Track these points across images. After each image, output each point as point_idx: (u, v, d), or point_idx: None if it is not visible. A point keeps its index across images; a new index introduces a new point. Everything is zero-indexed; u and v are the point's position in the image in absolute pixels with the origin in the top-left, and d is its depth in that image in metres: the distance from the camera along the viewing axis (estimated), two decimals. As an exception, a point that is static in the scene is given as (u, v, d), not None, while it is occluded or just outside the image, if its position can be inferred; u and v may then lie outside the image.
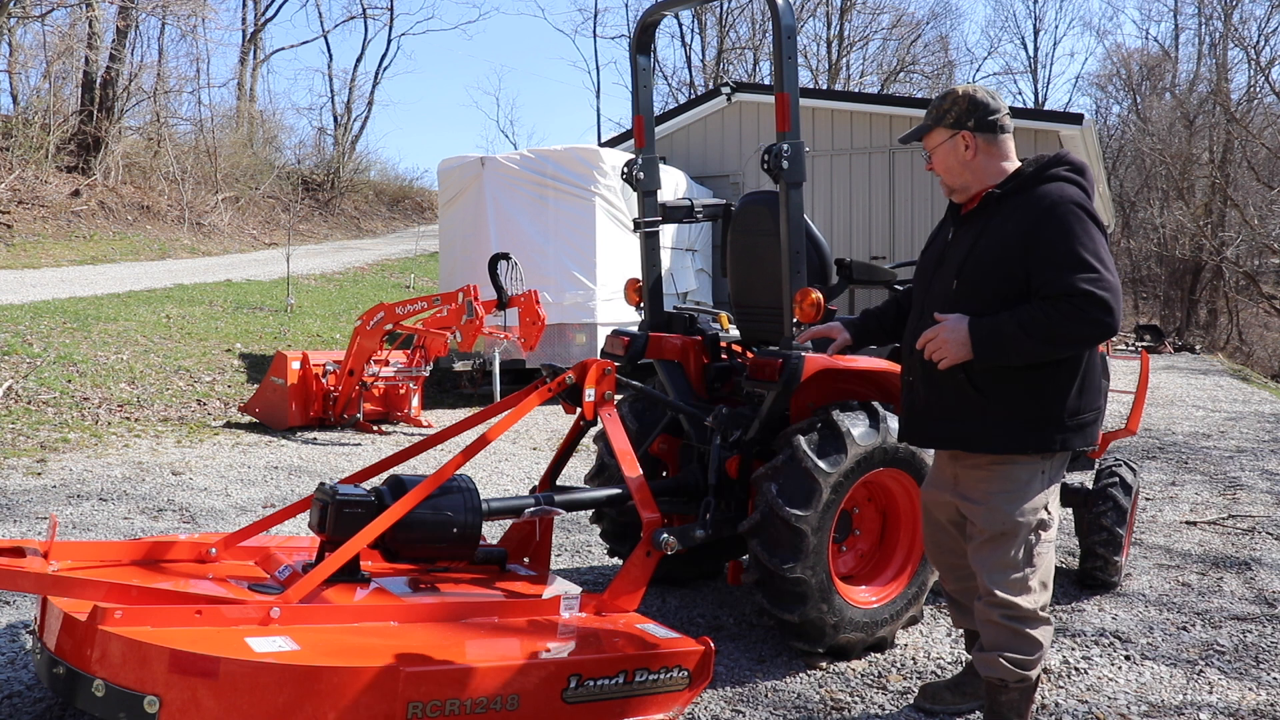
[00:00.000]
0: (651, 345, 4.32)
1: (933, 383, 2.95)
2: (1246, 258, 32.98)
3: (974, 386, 2.86)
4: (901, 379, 3.21)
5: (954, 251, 2.99)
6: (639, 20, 4.44)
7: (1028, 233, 2.79)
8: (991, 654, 2.94)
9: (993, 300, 2.82)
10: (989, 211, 2.93)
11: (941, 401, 2.94)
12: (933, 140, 3.01)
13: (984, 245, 2.88)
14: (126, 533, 5.42)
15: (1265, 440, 9.33)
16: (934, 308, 2.95)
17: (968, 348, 2.78)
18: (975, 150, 2.96)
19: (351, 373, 8.87)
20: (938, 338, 2.82)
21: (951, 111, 2.97)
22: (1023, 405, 2.85)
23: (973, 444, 2.91)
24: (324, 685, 2.60)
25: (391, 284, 20.83)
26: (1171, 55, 43.05)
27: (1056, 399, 2.85)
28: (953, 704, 3.34)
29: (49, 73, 23.96)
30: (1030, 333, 2.72)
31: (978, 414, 2.88)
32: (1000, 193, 2.92)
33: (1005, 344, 2.75)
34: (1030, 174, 2.90)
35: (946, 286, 2.95)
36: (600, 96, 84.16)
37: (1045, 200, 2.82)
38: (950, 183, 3.04)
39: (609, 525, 4.48)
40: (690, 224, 5.79)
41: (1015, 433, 2.85)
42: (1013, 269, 2.81)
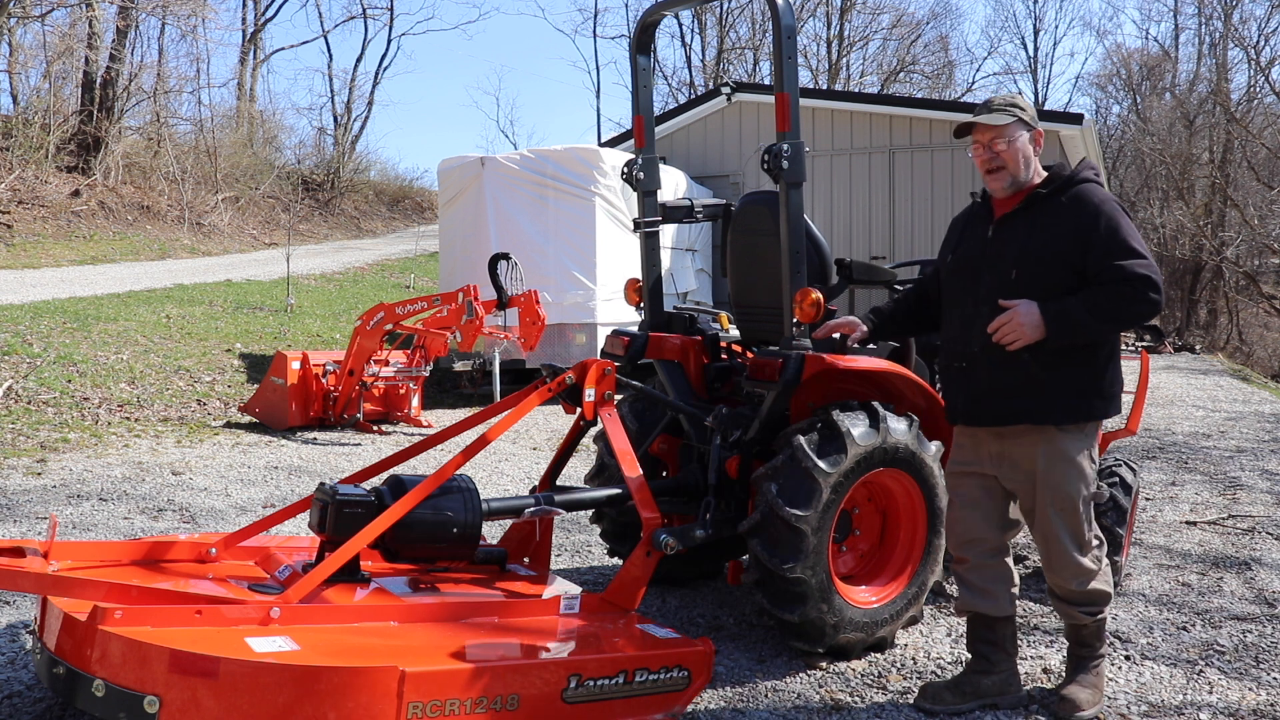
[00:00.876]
0: (651, 345, 4.32)
1: (997, 364, 3.22)
2: (1246, 258, 32.98)
3: (1039, 365, 3.16)
4: (946, 366, 3.45)
5: (1002, 247, 3.26)
6: (639, 20, 4.44)
7: (1081, 229, 3.13)
8: (1070, 607, 3.35)
9: (1051, 289, 3.13)
10: (1034, 210, 3.24)
11: (1007, 381, 3.22)
12: (1011, 131, 3.25)
13: (1039, 241, 3.19)
14: (126, 533, 5.42)
15: (1265, 440, 9.33)
16: (990, 299, 3.21)
17: (1041, 329, 3.09)
18: (1037, 150, 3.30)
19: (351, 373, 8.86)
20: (1012, 321, 3.10)
21: (1026, 111, 3.27)
22: (1075, 379, 3.20)
23: (1036, 417, 3.21)
24: (324, 685, 2.60)
25: (391, 284, 20.83)
26: (1171, 55, 43.06)
27: (1099, 372, 3.23)
28: (953, 704, 3.35)
29: (49, 73, 23.97)
30: (1096, 314, 3.08)
31: (1040, 390, 3.19)
32: (1045, 193, 3.23)
33: (1075, 325, 3.09)
34: (1067, 177, 3.24)
35: (1002, 278, 3.22)
36: (600, 96, 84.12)
37: (1090, 201, 3.17)
38: (1016, 173, 3.27)
39: (609, 525, 4.48)
40: (690, 224, 5.79)
41: (1070, 404, 3.20)
42: (1070, 261, 3.14)
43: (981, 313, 3.23)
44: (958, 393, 3.39)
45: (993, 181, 3.30)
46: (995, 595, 3.41)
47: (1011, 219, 3.28)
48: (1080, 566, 3.28)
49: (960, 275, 3.38)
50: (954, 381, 3.41)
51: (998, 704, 3.39)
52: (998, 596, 3.41)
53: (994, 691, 3.39)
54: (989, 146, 3.26)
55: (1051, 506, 3.24)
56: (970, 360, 3.30)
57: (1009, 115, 3.24)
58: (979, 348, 3.25)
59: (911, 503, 3.93)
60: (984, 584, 3.41)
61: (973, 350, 3.28)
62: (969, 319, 3.30)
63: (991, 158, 3.26)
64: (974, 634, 3.47)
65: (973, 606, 3.43)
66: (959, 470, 3.46)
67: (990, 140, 3.25)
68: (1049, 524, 3.26)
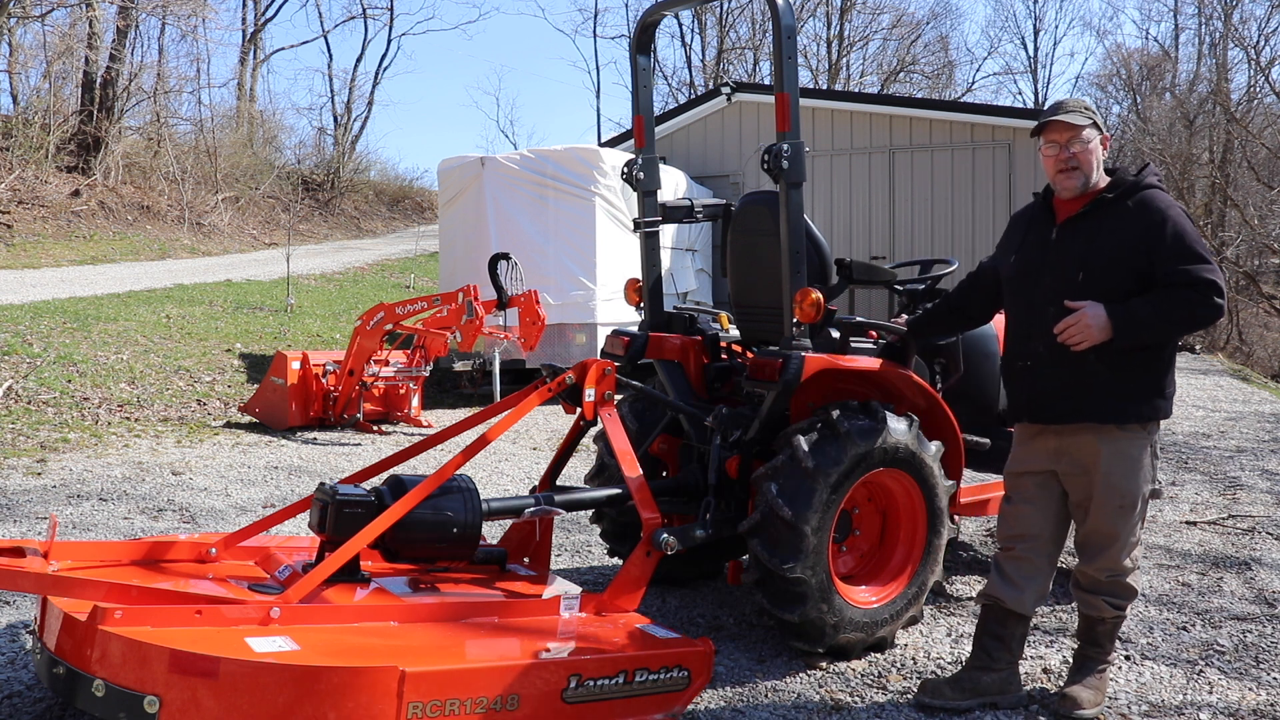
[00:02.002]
0: (651, 345, 4.32)
1: (1062, 364, 3.25)
2: (1246, 258, 32.96)
3: (1105, 365, 3.21)
4: (1010, 366, 3.49)
5: (1067, 249, 3.30)
6: (639, 20, 4.44)
7: (1148, 234, 3.19)
8: (1095, 597, 3.40)
9: (1115, 292, 3.18)
10: (1099, 214, 3.28)
11: (1071, 380, 3.27)
12: (1088, 135, 3.28)
13: (1105, 244, 3.24)
14: (126, 533, 5.42)
15: (1265, 440, 9.32)
16: (1054, 300, 3.25)
17: (1108, 330, 3.12)
18: (1105, 153, 3.35)
19: (351, 373, 8.86)
20: (1080, 323, 3.13)
21: (1096, 116, 3.31)
22: (1138, 380, 3.25)
23: (1099, 416, 3.26)
24: (324, 685, 2.60)
25: (391, 284, 20.83)
26: (1171, 55, 43.05)
27: (1160, 373, 3.29)
28: (952, 699, 3.35)
29: (49, 73, 23.96)
30: (1164, 316, 3.14)
31: (1104, 390, 3.24)
32: (1111, 197, 3.28)
33: (1143, 326, 3.14)
34: (1131, 182, 3.28)
35: (1067, 281, 3.26)
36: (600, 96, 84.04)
37: (1157, 206, 3.23)
38: (1090, 174, 3.31)
39: (609, 525, 4.48)
40: (690, 224, 5.79)
41: (1132, 404, 3.26)
42: (1136, 265, 3.19)
43: (1047, 313, 3.27)
44: (1021, 391, 3.44)
45: (1065, 180, 3.32)
46: (1023, 590, 3.40)
47: (1076, 222, 3.32)
48: (1119, 563, 3.34)
49: (1023, 277, 3.42)
50: (1017, 380, 3.45)
51: (997, 703, 3.39)
52: (1025, 592, 3.41)
53: (994, 690, 3.39)
54: (1066, 146, 3.29)
55: (1112, 503, 3.28)
56: (1035, 359, 3.35)
57: (1085, 117, 3.27)
58: (1044, 347, 3.29)
59: (911, 503, 3.93)
60: (1018, 576, 3.41)
61: (1037, 350, 3.33)
62: (1033, 319, 3.35)
63: (1068, 158, 3.29)
64: (985, 625, 3.46)
65: (997, 594, 3.42)
66: (1018, 470, 3.49)
67: (1067, 140, 3.28)
68: (1107, 520, 3.30)
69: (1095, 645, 3.44)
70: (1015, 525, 3.47)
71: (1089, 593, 3.41)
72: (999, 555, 3.51)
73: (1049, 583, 3.48)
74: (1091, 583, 3.39)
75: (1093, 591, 3.40)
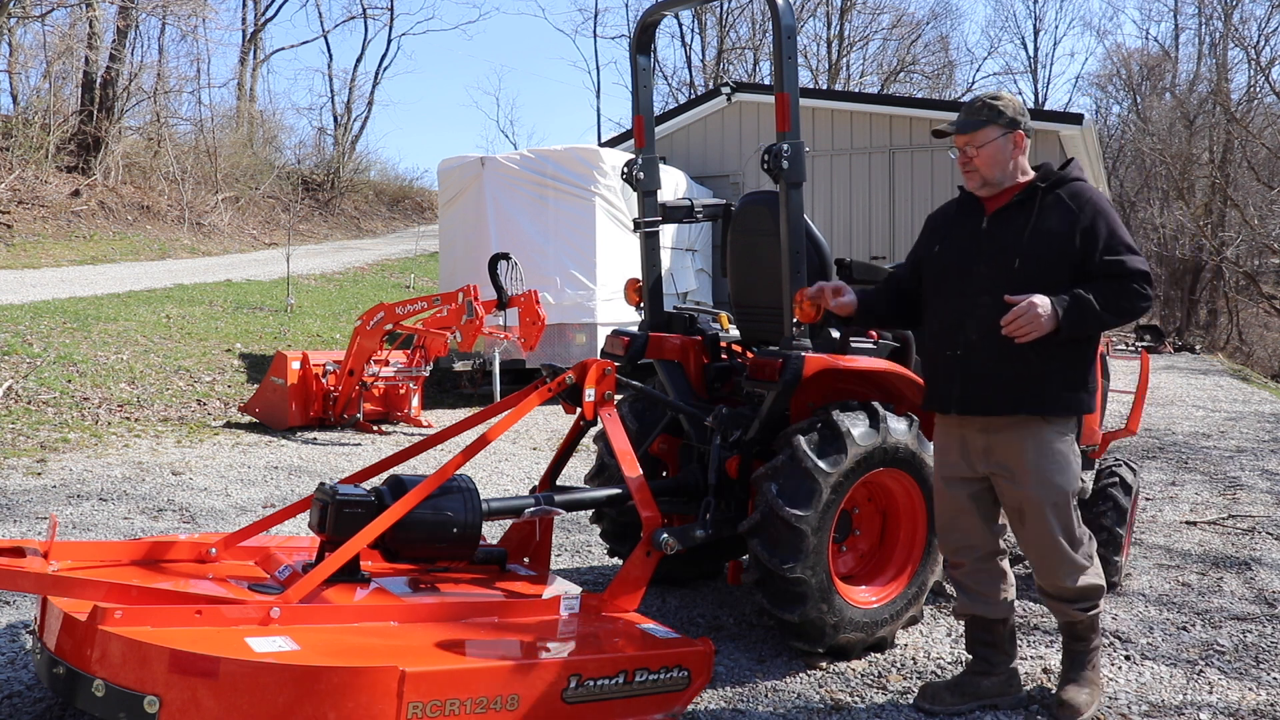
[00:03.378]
0: (651, 345, 4.32)
1: (996, 354, 3.20)
2: (1246, 258, 32.96)
3: (1039, 357, 3.17)
4: (937, 355, 3.39)
5: (998, 238, 3.25)
6: (639, 20, 4.44)
7: (1085, 224, 3.17)
8: (1062, 604, 3.34)
9: (1053, 280, 3.15)
10: (1033, 203, 3.24)
11: (1006, 371, 3.22)
12: (986, 136, 3.25)
13: (1042, 233, 3.20)
14: (126, 533, 5.42)
15: (1265, 440, 9.32)
16: (989, 289, 3.21)
17: (1054, 321, 3.08)
18: (1020, 150, 3.28)
19: (351, 373, 8.86)
20: (1029, 314, 3.06)
21: (1006, 112, 3.25)
22: (1067, 372, 3.23)
23: (1031, 407, 3.22)
24: (324, 685, 2.60)
25: (391, 284, 20.83)
26: (1171, 55, 43.05)
27: (1087, 366, 3.27)
28: (952, 704, 3.35)
29: (49, 73, 23.96)
30: (1108, 307, 3.11)
31: (1038, 381, 3.21)
32: (1044, 186, 3.25)
33: (1088, 318, 3.10)
34: (1059, 174, 3.27)
35: (1002, 269, 3.21)
36: (600, 96, 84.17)
37: (1091, 198, 3.21)
38: (989, 177, 3.28)
39: (609, 525, 4.48)
40: (690, 224, 5.79)
41: (1063, 396, 3.23)
42: (1070, 255, 3.17)
43: (981, 302, 3.22)
44: (949, 381, 3.33)
45: (968, 180, 3.34)
46: (992, 598, 3.41)
47: (1009, 211, 3.27)
48: (1074, 562, 3.27)
49: (953, 267, 3.34)
50: (944, 370, 3.36)
51: (997, 704, 3.39)
52: (994, 599, 3.41)
53: (994, 692, 3.39)
54: (963, 149, 3.30)
55: (1045, 501, 3.22)
56: (966, 348, 3.27)
57: (980, 119, 3.24)
58: (977, 336, 3.23)
59: (911, 503, 3.93)
60: (980, 588, 3.41)
61: (970, 339, 3.26)
62: (965, 308, 3.27)
63: (965, 161, 3.30)
64: (973, 636, 3.48)
65: (970, 610, 3.44)
66: (948, 477, 3.42)
67: (964, 143, 3.29)
68: (1042, 520, 3.23)
69: (1079, 640, 3.40)
70: (957, 538, 3.43)
71: (1056, 600, 3.36)
72: (953, 572, 3.48)
73: (1010, 576, 3.46)
74: (1058, 590, 3.33)
75: (1059, 599, 3.34)
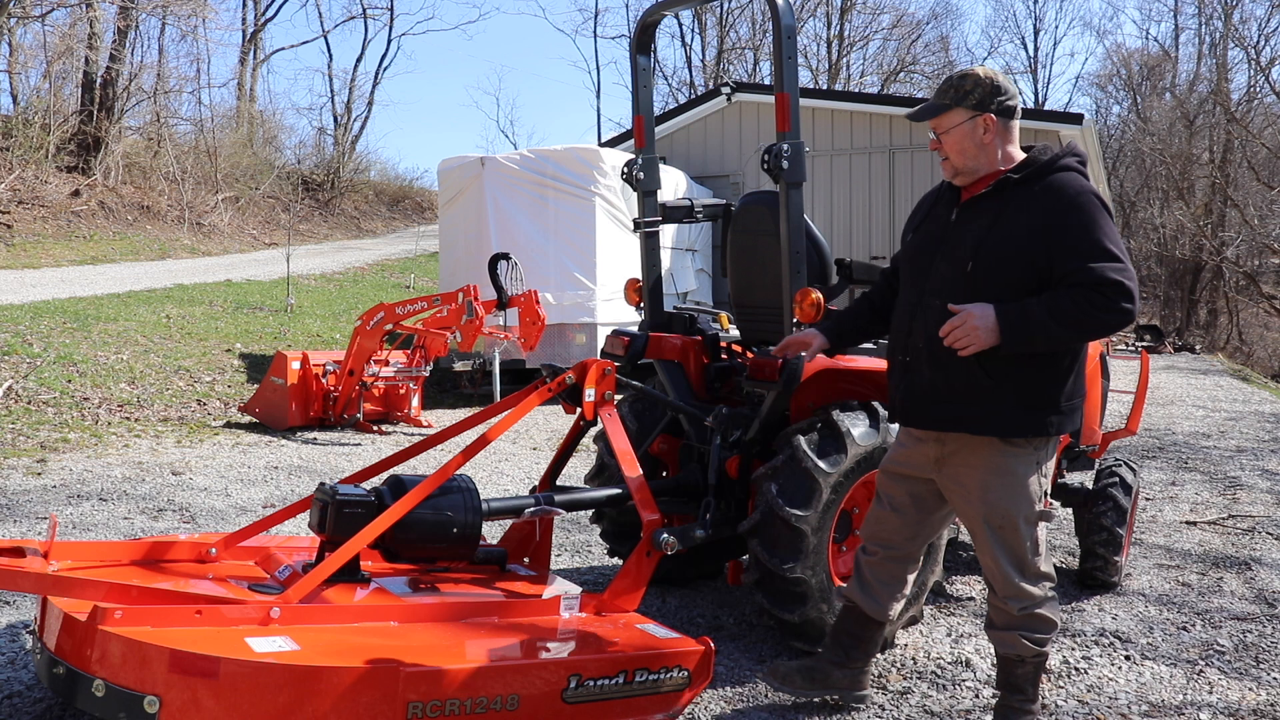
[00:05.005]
0: (651, 345, 4.32)
1: (941, 366, 2.92)
2: (1246, 258, 32.97)
3: (985, 372, 2.85)
4: (892, 360, 3.14)
5: (961, 234, 2.94)
6: (639, 20, 4.44)
7: (1051, 222, 2.80)
8: (1008, 632, 3.03)
9: (1011, 285, 2.82)
10: (1003, 197, 2.90)
11: (950, 385, 2.92)
12: (951, 120, 2.93)
13: (1002, 231, 2.86)
14: (126, 533, 5.42)
15: (1265, 440, 9.33)
16: (941, 290, 2.92)
17: (996, 334, 2.76)
18: (994, 134, 2.92)
19: (351, 373, 8.86)
20: (966, 325, 2.77)
21: (975, 93, 2.90)
22: (1026, 390, 2.87)
23: (977, 426, 2.91)
24: (324, 685, 2.60)
25: (391, 284, 20.83)
26: (1171, 55, 43.05)
27: (1056, 384, 2.89)
28: (801, 688, 3.29)
29: (49, 73, 23.97)
30: (1060, 320, 2.73)
31: (985, 398, 2.88)
32: (1017, 178, 2.89)
33: (1035, 331, 2.75)
34: (1045, 162, 2.89)
35: (958, 269, 2.91)
36: (600, 96, 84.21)
37: (1066, 190, 2.83)
38: (960, 165, 2.97)
39: (609, 525, 4.48)
40: (690, 224, 5.79)
41: (1017, 416, 2.88)
42: (1034, 257, 2.81)
43: (931, 305, 2.93)
44: (896, 389, 3.10)
45: (944, 168, 3.02)
46: (882, 599, 3.28)
47: (978, 203, 2.94)
48: (1020, 590, 2.98)
49: (915, 260, 3.07)
50: (894, 377, 3.12)
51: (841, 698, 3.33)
52: (884, 601, 3.28)
53: (842, 685, 3.32)
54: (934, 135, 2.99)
55: (988, 524, 2.95)
56: (913, 355, 3.00)
57: (944, 102, 2.93)
58: (924, 343, 2.95)
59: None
60: (876, 583, 3.25)
61: (917, 345, 2.98)
62: (916, 311, 3.00)
63: (936, 146, 2.99)
64: (843, 623, 3.36)
65: (855, 598, 3.30)
66: (894, 471, 3.19)
67: (932, 129, 2.98)
68: (986, 543, 2.98)
69: (1017, 692, 3.08)
70: (881, 531, 3.23)
71: (1004, 630, 3.04)
72: (860, 556, 3.30)
73: (908, 587, 3.34)
74: (1005, 619, 3.03)
75: (1006, 628, 3.03)
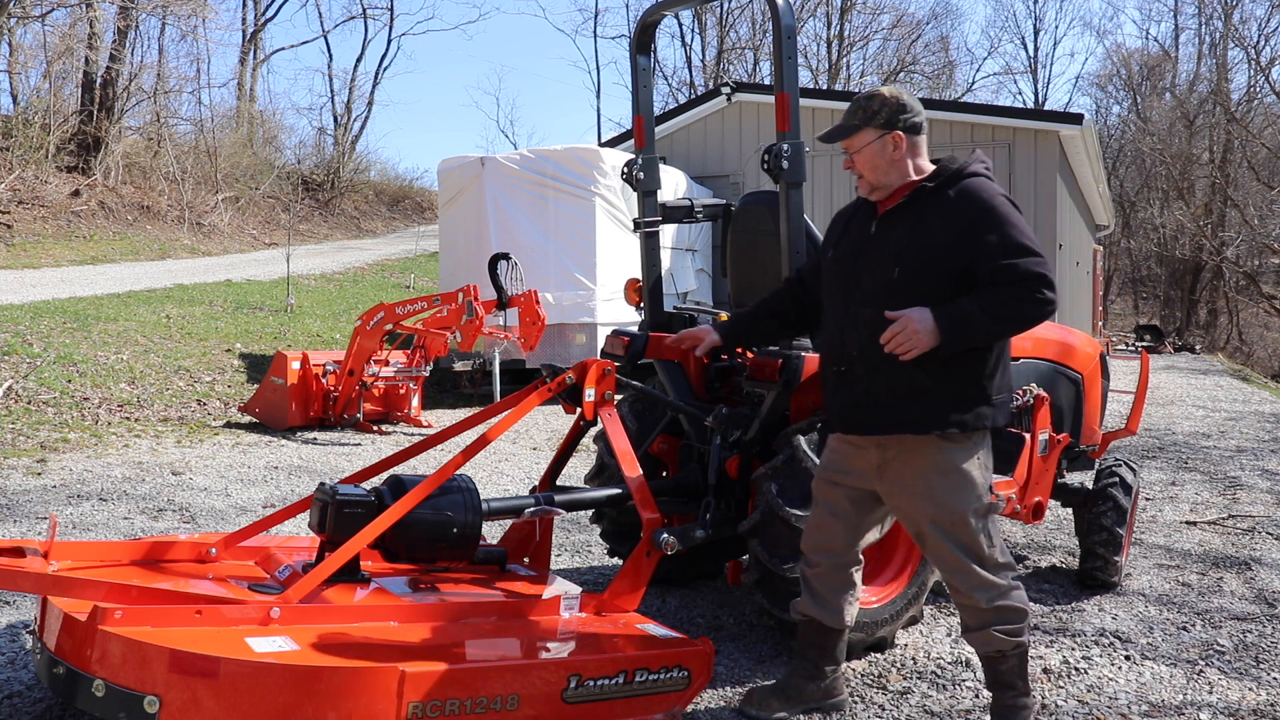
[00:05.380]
0: (651, 345, 4.32)
1: (880, 372, 3.00)
2: (1246, 258, 33.00)
3: (925, 373, 2.95)
4: (826, 371, 3.21)
5: (882, 245, 3.04)
6: (639, 20, 4.44)
7: (968, 227, 2.93)
8: (983, 631, 3.06)
9: (934, 289, 2.93)
10: (918, 205, 3.02)
11: (891, 390, 3.00)
12: (861, 139, 3.05)
13: (921, 238, 2.98)
14: (126, 533, 5.42)
15: (1265, 440, 9.33)
16: (869, 300, 3.02)
17: (936, 336, 2.86)
18: (903, 150, 3.04)
19: (351, 373, 8.87)
20: (906, 329, 2.87)
21: (882, 112, 3.03)
22: (962, 386, 2.99)
23: (919, 427, 2.99)
24: (324, 685, 2.60)
25: (391, 284, 20.83)
26: (1171, 55, 43.09)
27: (988, 379, 3.01)
28: (780, 710, 3.25)
29: (49, 73, 23.98)
30: (994, 316, 2.87)
31: (924, 398, 2.98)
32: (931, 186, 3.02)
33: (972, 330, 2.88)
34: (955, 170, 3.04)
35: (882, 278, 3.00)
36: (600, 96, 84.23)
37: (979, 196, 2.97)
38: (874, 181, 3.08)
39: (609, 525, 4.48)
40: (690, 224, 5.79)
41: (955, 413, 2.98)
42: (954, 261, 2.94)
43: (863, 314, 3.02)
44: (834, 399, 3.16)
45: (859, 185, 3.14)
46: (836, 606, 3.28)
47: (895, 215, 3.06)
48: (984, 580, 3.02)
49: (839, 274, 3.15)
50: (830, 387, 3.18)
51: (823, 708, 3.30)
52: (838, 608, 3.28)
53: (819, 697, 3.30)
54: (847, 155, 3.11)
55: (937, 523, 3.01)
56: (849, 365, 3.08)
57: (854, 123, 3.05)
58: (858, 352, 3.04)
59: (911, 503, 3.92)
60: (827, 593, 3.26)
61: (852, 354, 3.06)
62: (849, 322, 3.08)
63: (850, 165, 3.11)
64: (805, 638, 3.35)
65: (811, 612, 3.30)
66: (831, 478, 3.23)
67: (845, 148, 3.10)
68: (938, 542, 3.03)
69: (1008, 688, 3.11)
70: (822, 539, 3.25)
71: (979, 630, 3.07)
72: (804, 569, 3.31)
73: (859, 588, 3.35)
74: (977, 618, 3.06)
75: (981, 627, 3.06)
